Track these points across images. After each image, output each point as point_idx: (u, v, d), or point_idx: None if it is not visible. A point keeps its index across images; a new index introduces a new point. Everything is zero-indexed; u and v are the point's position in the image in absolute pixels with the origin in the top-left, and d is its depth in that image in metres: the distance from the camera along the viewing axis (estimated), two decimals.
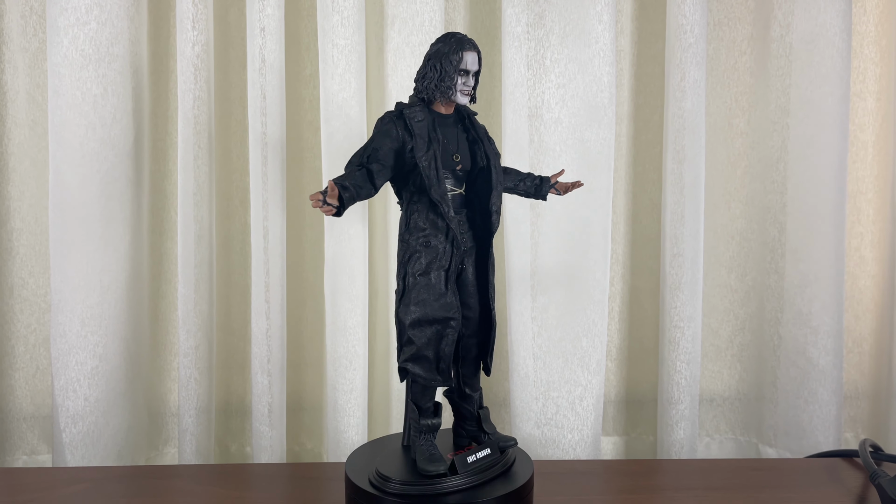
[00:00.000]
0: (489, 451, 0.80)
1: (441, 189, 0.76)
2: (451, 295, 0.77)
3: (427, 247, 0.77)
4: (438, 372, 0.78)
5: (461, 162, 0.78)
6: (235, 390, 1.17)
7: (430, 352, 0.77)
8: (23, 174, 1.11)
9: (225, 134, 1.12)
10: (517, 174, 0.86)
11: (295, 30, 1.11)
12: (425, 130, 0.76)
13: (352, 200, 0.73)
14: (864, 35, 1.15)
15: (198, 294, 1.05)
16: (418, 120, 0.77)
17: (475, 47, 0.78)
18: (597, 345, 1.08)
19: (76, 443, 1.05)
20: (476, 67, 0.78)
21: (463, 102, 0.78)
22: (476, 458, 0.78)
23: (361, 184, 0.74)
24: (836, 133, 1.07)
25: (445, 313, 0.77)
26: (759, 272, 1.15)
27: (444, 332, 0.77)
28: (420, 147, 0.76)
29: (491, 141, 0.81)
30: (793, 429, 1.12)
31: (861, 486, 0.91)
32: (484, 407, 0.85)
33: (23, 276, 1.12)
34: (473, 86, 0.79)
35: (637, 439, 1.21)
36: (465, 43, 0.77)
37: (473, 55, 0.77)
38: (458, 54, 0.76)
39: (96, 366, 1.05)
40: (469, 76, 0.77)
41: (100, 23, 1.01)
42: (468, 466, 0.77)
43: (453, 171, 0.78)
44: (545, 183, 0.86)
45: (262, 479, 0.95)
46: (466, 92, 0.78)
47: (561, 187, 0.86)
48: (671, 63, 1.06)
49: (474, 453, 0.79)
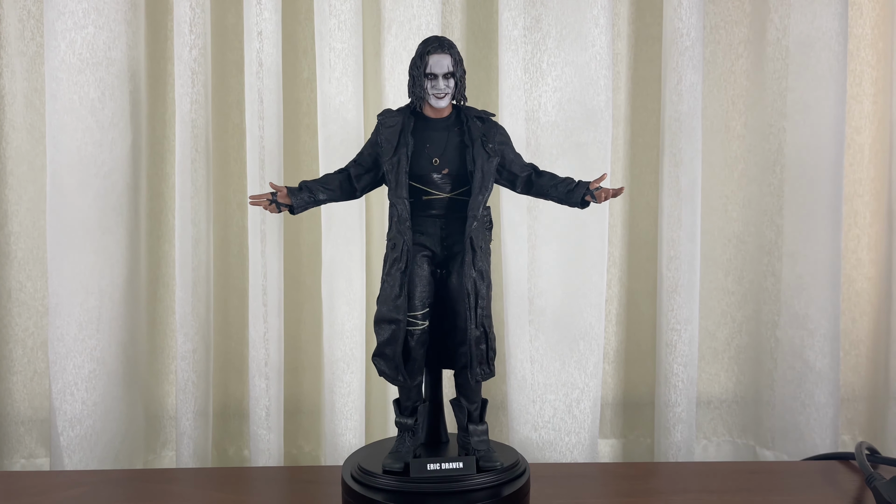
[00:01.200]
0: (462, 466, 0.78)
1: (398, 192, 0.77)
2: (403, 298, 0.78)
3: (392, 248, 0.79)
4: (399, 371, 0.79)
5: (446, 166, 0.78)
6: (233, 393, 1.17)
7: (389, 350, 0.79)
8: (20, 178, 1.11)
9: (222, 137, 1.12)
10: (552, 178, 0.82)
11: (292, 33, 1.11)
12: (395, 135, 0.78)
13: (311, 203, 0.80)
14: (861, 38, 1.15)
15: (195, 297, 1.05)
16: (388, 126, 0.79)
17: (443, 48, 0.77)
18: (594, 347, 1.08)
19: (74, 446, 1.05)
20: (444, 69, 0.76)
21: (438, 106, 0.78)
22: (439, 468, 0.77)
23: (333, 186, 0.80)
24: (832, 136, 1.07)
25: (396, 315, 0.78)
26: (756, 275, 1.16)
27: (397, 334, 0.78)
28: (386, 152, 0.78)
29: (486, 143, 0.78)
30: (790, 431, 1.12)
31: (857, 489, 0.91)
32: (483, 423, 0.82)
33: (20, 280, 1.13)
34: (455, 87, 0.77)
35: (634, 442, 1.21)
36: (429, 45, 0.77)
37: (438, 57, 0.76)
38: (423, 59, 0.77)
39: (94, 369, 1.05)
40: (438, 79, 0.77)
41: (97, 27, 1.01)
42: (425, 472, 0.77)
43: (433, 175, 0.78)
44: (580, 187, 0.80)
45: (260, 483, 0.95)
46: (439, 95, 0.77)
47: (601, 194, 0.80)
48: (668, 66, 1.06)
49: (440, 463, 0.78)
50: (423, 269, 0.79)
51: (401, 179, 0.77)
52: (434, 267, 0.80)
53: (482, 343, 0.78)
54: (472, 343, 0.78)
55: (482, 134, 0.79)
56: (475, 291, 0.78)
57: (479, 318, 0.78)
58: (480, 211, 0.78)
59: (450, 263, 0.80)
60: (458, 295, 0.78)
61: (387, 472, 0.78)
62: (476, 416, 0.82)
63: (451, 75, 0.77)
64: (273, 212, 0.79)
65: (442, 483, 0.76)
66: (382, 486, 0.77)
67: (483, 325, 0.78)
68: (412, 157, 0.78)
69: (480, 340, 0.78)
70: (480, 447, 0.81)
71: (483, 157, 0.78)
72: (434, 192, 0.78)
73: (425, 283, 0.79)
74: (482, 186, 0.77)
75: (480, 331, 0.78)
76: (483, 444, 0.81)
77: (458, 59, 0.78)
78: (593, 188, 0.80)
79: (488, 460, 0.79)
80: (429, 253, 0.80)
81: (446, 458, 0.78)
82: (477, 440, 0.81)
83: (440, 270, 0.80)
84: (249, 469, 1.03)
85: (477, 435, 0.81)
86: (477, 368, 0.79)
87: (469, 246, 0.77)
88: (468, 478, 0.77)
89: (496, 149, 0.79)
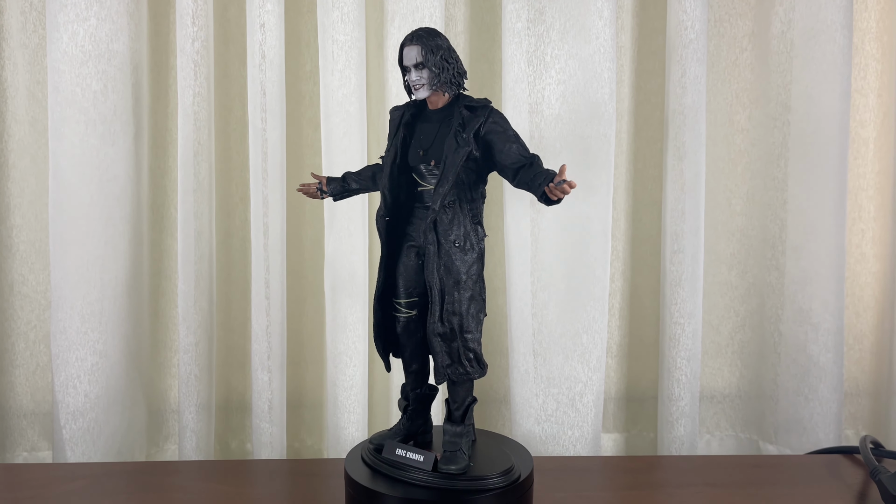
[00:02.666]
0: (422, 460, 0.76)
1: (381, 182, 0.79)
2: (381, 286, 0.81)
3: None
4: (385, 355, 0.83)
5: (432, 157, 0.77)
6: (236, 387, 1.17)
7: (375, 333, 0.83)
8: (23, 171, 1.11)
9: (225, 130, 1.12)
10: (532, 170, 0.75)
11: (295, 26, 1.11)
12: (393, 127, 0.80)
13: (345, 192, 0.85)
14: (866, 31, 1.15)
15: (198, 291, 1.05)
16: (391, 119, 0.81)
17: (412, 40, 0.75)
18: (597, 341, 1.08)
19: (76, 439, 1.05)
20: (412, 61, 0.75)
21: (417, 97, 0.77)
22: (403, 455, 0.78)
23: (366, 177, 0.85)
24: (836, 129, 1.07)
25: (376, 302, 0.81)
26: (760, 269, 1.15)
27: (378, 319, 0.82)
28: (386, 143, 0.80)
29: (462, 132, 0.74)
30: (793, 425, 1.12)
31: (862, 483, 0.91)
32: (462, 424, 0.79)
33: (23, 273, 1.12)
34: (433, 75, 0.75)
35: (637, 436, 1.21)
36: (403, 41, 0.77)
37: (407, 49, 0.76)
38: (399, 55, 0.77)
39: (96, 362, 1.05)
40: (411, 71, 0.76)
41: (99, 19, 1.01)
42: (392, 455, 0.78)
43: (420, 166, 0.78)
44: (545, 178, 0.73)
45: (263, 476, 0.95)
46: (414, 86, 0.76)
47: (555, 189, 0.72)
48: (672, 59, 1.05)
49: (406, 451, 0.78)
50: (409, 258, 0.80)
51: (385, 170, 0.79)
52: (419, 258, 0.79)
53: (452, 341, 0.75)
54: (435, 339, 0.75)
55: (460, 123, 0.75)
56: (439, 286, 0.75)
57: (445, 314, 0.75)
58: (441, 203, 0.74)
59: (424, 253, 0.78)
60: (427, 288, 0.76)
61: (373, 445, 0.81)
62: (457, 417, 0.79)
63: (422, 65, 0.75)
64: (316, 197, 0.85)
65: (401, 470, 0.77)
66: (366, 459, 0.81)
67: (449, 323, 0.75)
68: (407, 148, 0.79)
69: (449, 338, 0.75)
70: (448, 447, 0.78)
71: (451, 146, 0.74)
72: (424, 184, 0.78)
73: (411, 272, 0.79)
74: (444, 177, 0.74)
75: (446, 327, 0.75)
76: (452, 444, 0.78)
77: (433, 48, 0.75)
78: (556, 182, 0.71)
79: (449, 461, 0.76)
80: (415, 243, 0.79)
81: (416, 449, 0.77)
82: (447, 439, 0.78)
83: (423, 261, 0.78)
84: (252, 462, 1.03)
85: (448, 434, 0.79)
86: (445, 368, 0.76)
87: (434, 238, 0.75)
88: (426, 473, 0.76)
89: (469, 139, 0.74)
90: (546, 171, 0.74)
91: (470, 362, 0.77)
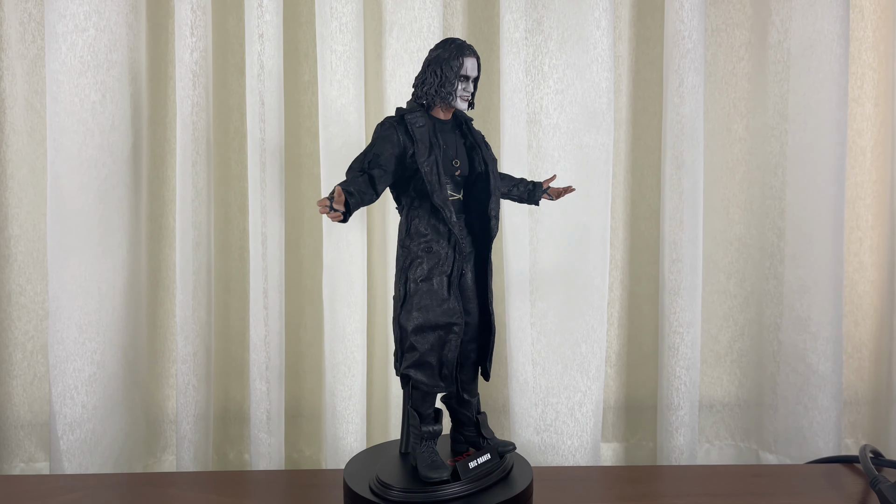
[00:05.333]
0: (489, 456, 0.81)
1: (443, 194, 0.76)
2: (453, 300, 0.77)
3: (429, 252, 0.77)
4: (441, 378, 0.78)
5: (460, 168, 0.79)
6: (234, 397, 1.17)
7: (433, 358, 0.77)
8: (21, 181, 1.11)
9: (223, 140, 1.12)
10: (511, 179, 0.87)
11: (293, 36, 1.11)
12: (427, 136, 0.76)
13: (357, 206, 0.73)
14: (862, 41, 1.15)
15: (196, 300, 1.05)
16: (419, 125, 0.77)
17: (475, 53, 0.78)
18: (596, 350, 1.08)
19: (73, 450, 1.04)
20: (476, 73, 0.78)
21: (462, 108, 0.79)
22: (478, 464, 0.79)
23: (364, 189, 0.74)
24: (834, 138, 1.07)
25: (448, 319, 0.77)
26: (758, 278, 1.15)
27: (447, 338, 0.77)
28: (422, 152, 0.76)
29: (488, 147, 0.81)
30: (793, 435, 1.12)
31: (862, 492, 0.91)
32: (482, 412, 0.85)
33: (20, 283, 1.12)
34: (472, 91, 0.79)
35: (637, 445, 1.20)
36: (465, 49, 0.77)
37: (473, 61, 0.78)
38: (459, 60, 0.77)
39: (94, 373, 1.05)
40: (469, 82, 0.78)
41: (98, 29, 1.01)
42: (470, 472, 0.77)
43: (452, 176, 0.79)
44: (538, 188, 0.87)
45: (261, 487, 0.95)
46: (466, 98, 0.78)
47: (553, 192, 0.87)
48: (669, 69, 1.06)
49: (475, 459, 0.79)
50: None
51: (442, 181, 0.77)
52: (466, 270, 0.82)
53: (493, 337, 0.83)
54: (491, 340, 0.82)
55: (483, 137, 0.82)
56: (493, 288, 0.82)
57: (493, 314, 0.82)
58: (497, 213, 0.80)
59: (464, 263, 0.80)
60: (472, 293, 0.81)
61: (435, 482, 0.76)
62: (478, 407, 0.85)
63: (476, 80, 0.79)
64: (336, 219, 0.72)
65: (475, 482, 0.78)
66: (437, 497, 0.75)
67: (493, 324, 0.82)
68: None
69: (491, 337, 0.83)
70: (490, 434, 0.84)
71: (491, 159, 0.81)
72: (454, 194, 0.79)
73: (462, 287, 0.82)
74: (496, 187, 0.80)
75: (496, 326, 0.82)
76: (489, 431, 0.85)
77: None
78: (546, 187, 0.87)
79: (502, 444, 0.83)
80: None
81: (478, 454, 0.80)
82: (488, 429, 0.84)
83: None
84: (250, 473, 1.03)
85: (486, 423, 0.85)
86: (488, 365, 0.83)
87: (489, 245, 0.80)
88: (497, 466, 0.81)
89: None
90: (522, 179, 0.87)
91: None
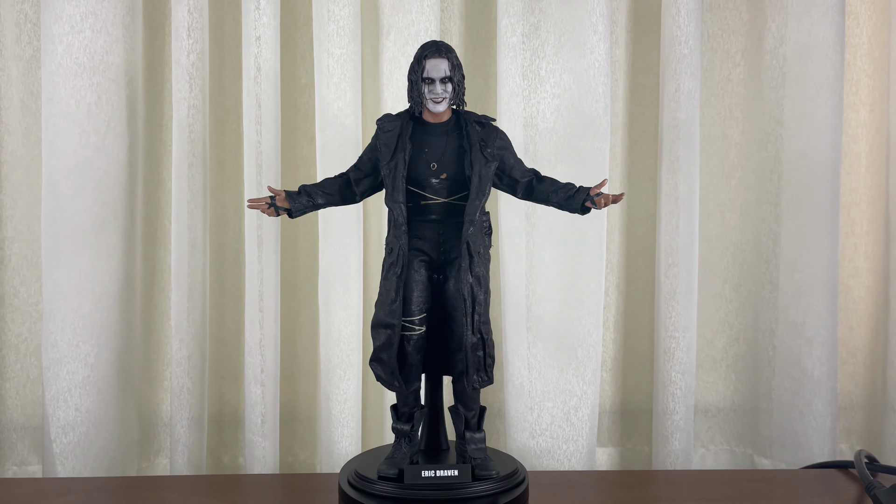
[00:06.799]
0: (457, 473, 0.77)
1: (395, 197, 0.77)
2: (398, 303, 0.77)
3: (390, 252, 0.79)
4: (394, 377, 0.79)
5: (444, 171, 0.78)
6: (228, 400, 1.16)
7: (385, 355, 0.79)
8: (15, 183, 1.10)
9: (219, 142, 1.12)
10: (552, 184, 0.81)
11: (290, 39, 1.11)
12: (393, 140, 0.78)
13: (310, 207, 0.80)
14: (858, 47, 1.16)
15: (191, 303, 1.05)
16: (386, 130, 0.79)
17: (440, 52, 0.77)
18: (592, 355, 1.08)
19: (67, 453, 1.04)
20: (441, 74, 0.76)
21: (435, 110, 0.78)
22: (433, 475, 0.77)
23: (332, 190, 0.81)
24: (829, 144, 1.08)
25: (391, 319, 0.78)
26: (754, 283, 1.16)
27: (392, 339, 0.78)
28: (384, 156, 0.78)
29: (485, 147, 0.78)
30: (788, 440, 1.12)
31: (857, 498, 0.91)
32: (480, 430, 0.82)
33: (14, 285, 1.12)
34: (454, 91, 0.77)
35: (632, 450, 1.20)
36: (426, 50, 0.77)
37: (435, 61, 0.76)
38: (420, 63, 0.77)
39: (88, 375, 1.04)
40: (435, 83, 0.77)
41: (94, 31, 1.01)
42: (419, 479, 0.76)
43: (430, 179, 0.78)
44: (580, 193, 0.80)
45: (255, 491, 0.94)
46: (436, 100, 0.77)
47: (601, 200, 0.79)
48: (666, 74, 1.06)
49: (435, 470, 0.77)
50: (420, 273, 0.79)
51: (397, 184, 0.77)
52: (431, 272, 0.80)
53: (479, 350, 0.78)
54: (469, 349, 0.77)
55: (481, 138, 0.79)
56: (472, 297, 0.77)
57: (476, 324, 0.78)
58: (478, 216, 0.78)
59: (447, 269, 0.80)
60: (456, 301, 0.78)
61: (382, 477, 0.78)
62: (473, 424, 0.82)
63: (449, 80, 0.77)
64: (271, 215, 0.80)
65: (437, 490, 0.76)
66: (378, 492, 0.77)
67: (480, 332, 0.78)
68: (410, 161, 0.78)
69: (477, 347, 0.78)
70: (477, 455, 0.80)
71: (481, 161, 0.78)
72: (432, 197, 0.78)
73: (422, 288, 0.79)
74: (479, 191, 0.77)
75: (477, 337, 0.78)
76: (480, 451, 0.81)
77: (456, 64, 0.78)
78: (594, 194, 0.79)
79: (484, 468, 0.79)
80: (426, 258, 0.80)
81: (442, 466, 0.78)
82: (474, 448, 0.81)
83: (437, 276, 0.80)
84: (244, 477, 1.03)
85: (474, 443, 0.81)
86: (474, 376, 0.78)
87: (466, 251, 0.77)
88: (464, 486, 0.76)
89: (494, 153, 0.79)
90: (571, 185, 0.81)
91: (490, 369, 0.79)
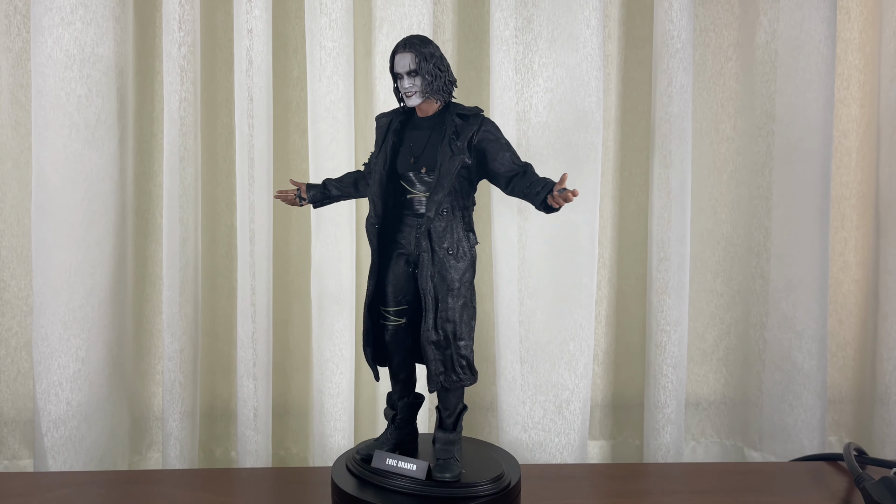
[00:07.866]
0: (415, 469, 0.76)
1: (372, 189, 0.79)
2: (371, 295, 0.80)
3: None
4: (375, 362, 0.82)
5: (423, 164, 0.77)
6: (220, 394, 1.16)
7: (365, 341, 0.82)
8: (5, 175, 1.10)
9: (211, 136, 1.11)
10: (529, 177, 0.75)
11: (282, 32, 1.11)
12: (381, 134, 0.80)
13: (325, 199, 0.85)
14: (849, 42, 1.16)
15: (183, 297, 1.04)
16: (378, 126, 0.81)
17: (405, 46, 0.75)
18: (584, 348, 1.08)
19: (58, 447, 1.03)
20: (405, 68, 0.75)
21: (409, 104, 0.77)
22: (395, 465, 0.77)
23: (347, 183, 0.85)
24: (820, 139, 1.08)
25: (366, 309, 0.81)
26: (745, 277, 1.16)
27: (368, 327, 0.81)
28: (374, 151, 0.80)
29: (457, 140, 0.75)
30: (778, 432, 1.13)
31: (846, 490, 0.92)
32: (454, 431, 0.79)
33: (4, 279, 1.11)
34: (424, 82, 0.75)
35: (623, 443, 1.21)
36: (396, 47, 0.77)
37: (400, 55, 0.76)
38: (392, 61, 0.77)
39: (79, 369, 1.04)
40: (403, 78, 0.76)
41: (85, 23, 1.00)
42: (382, 465, 0.78)
43: (410, 174, 0.78)
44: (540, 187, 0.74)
45: (248, 484, 0.94)
46: (407, 94, 0.76)
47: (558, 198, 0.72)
48: (658, 68, 1.06)
49: (398, 461, 0.77)
50: (398, 266, 0.79)
51: (376, 178, 0.78)
52: (409, 266, 0.79)
53: (446, 349, 0.76)
54: (429, 347, 0.75)
55: (454, 131, 0.76)
56: (433, 294, 0.75)
57: (439, 322, 0.75)
58: (436, 210, 0.75)
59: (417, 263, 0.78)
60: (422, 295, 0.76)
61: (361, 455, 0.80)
62: (449, 424, 0.79)
63: (415, 73, 0.75)
64: (295, 205, 0.85)
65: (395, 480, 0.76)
66: (352, 468, 0.80)
67: (444, 330, 0.75)
68: (396, 156, 0.78)
69: (443, 346, 0.76)
70: (441, 455, 0.78)
71: (446, 154, 0.75)
72: (413, 191, 0.78)
73: (400, 280, 0.79)
74: (438, 185, 0.75)
75: (440, 335, 0.75)
76: (445, 452, 0.78)
77: (426, 56, 0.75)
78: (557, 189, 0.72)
79: (442, 469, 0.76)
80: (404, 251, 0.79)
81: (408, 458, 0.77)
82: (440, 447, 0.79)
83: (413, 269, 0.78)
84: (237, 471, 1.02)
85: (440, 442, 0.79)
86: (439, 375, 0.76)
87: (427, 245, 0.75)
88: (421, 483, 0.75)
89: (464, 147, 0.75)
90: (544, 179, 0.74)
91: (462, 370, 0.77)
